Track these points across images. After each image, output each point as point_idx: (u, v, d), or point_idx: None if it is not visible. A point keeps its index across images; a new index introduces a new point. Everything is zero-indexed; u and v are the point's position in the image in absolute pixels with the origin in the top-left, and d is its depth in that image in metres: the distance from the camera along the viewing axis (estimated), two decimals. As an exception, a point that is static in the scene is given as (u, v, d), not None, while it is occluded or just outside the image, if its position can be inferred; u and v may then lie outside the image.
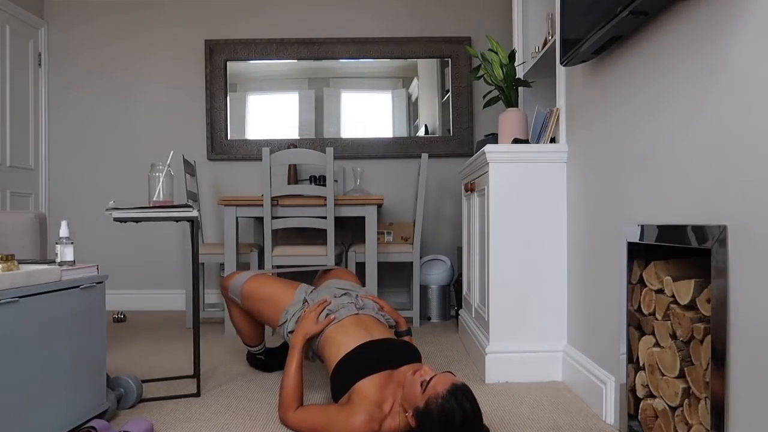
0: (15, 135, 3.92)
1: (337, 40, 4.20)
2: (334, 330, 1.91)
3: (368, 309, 2.04)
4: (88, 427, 1.68)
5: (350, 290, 2.15)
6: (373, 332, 1.89)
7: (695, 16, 1.38)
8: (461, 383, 1.53)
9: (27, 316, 1.50)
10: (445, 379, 1.53)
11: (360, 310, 2.01)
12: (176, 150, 3.69)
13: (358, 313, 1.99)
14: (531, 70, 2.88)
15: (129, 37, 4.26)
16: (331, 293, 2.10)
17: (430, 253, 4.11)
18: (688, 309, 1.38)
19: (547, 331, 2.35)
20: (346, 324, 1.92)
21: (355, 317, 1.96)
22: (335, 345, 1.85)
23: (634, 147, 1.73)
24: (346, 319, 1.94)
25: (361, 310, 2.01)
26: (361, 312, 2.00)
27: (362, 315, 1.99)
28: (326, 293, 2.12)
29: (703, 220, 1.34)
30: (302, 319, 1.99)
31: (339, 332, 1.89)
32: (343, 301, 2.03)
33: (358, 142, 4.19)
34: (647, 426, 1.59)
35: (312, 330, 1.94)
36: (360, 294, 2.13)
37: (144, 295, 4.23)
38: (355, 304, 2.03)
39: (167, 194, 2.11)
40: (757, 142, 1.15)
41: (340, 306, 2.00)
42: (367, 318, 1.98)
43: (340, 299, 2.05)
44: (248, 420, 1.91)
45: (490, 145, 2.37)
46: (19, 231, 2.49)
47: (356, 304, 2.03)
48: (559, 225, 2.36)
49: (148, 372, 2.47)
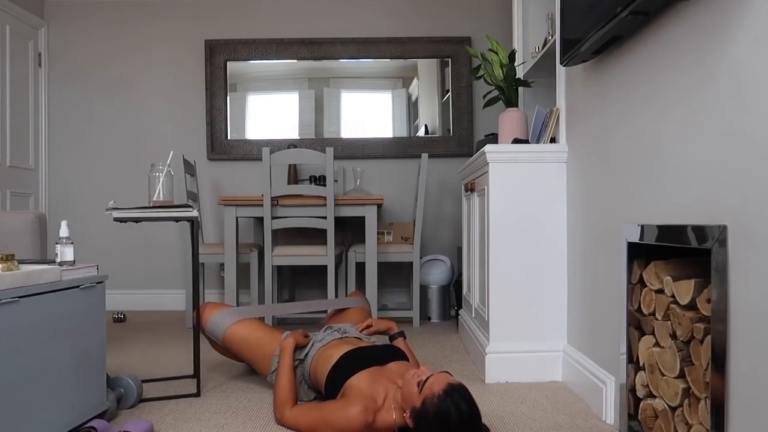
0: (15, 135, 3.92)
1: (337, 40, 4.20)
2: (322, 350, 2.01)
3: (351, 334, 2.15)
4: (88, 427, 1.68)
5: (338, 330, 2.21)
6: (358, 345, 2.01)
7: (695, 16, 1.38)
8: (458, 383, 1.54)
9: (27, 316, 1.50)
10: (441, 378, 1.54)
11: (344, 335, 2.12)
12: (176, 150, 3.69)
13: (342, 337, 2.11)
14: (531, 70, 2.88)
15: (129, 37, 4.26)
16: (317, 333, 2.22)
17: (430, 253, 4.11)
18: (688, 309, 1.38)
19: (547, 331, 2.35)
20: (332, 344, 2.03)
21: (340, 339, 2.08)
22: (325, 359, 1.94)
23: (634, 147, 1.73)
24: (333, 341, 2.05)
25: (345, 335, 2.13)
26: (344, 336, 2.12)
27: (346, 337, 2.11)
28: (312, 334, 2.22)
29: (703, 220, 1.34)
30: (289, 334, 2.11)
31: (327, 349, 1.99)
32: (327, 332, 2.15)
33: (358, 142, 4.19)
34: (647, 426, 1.59)
35: (299, 337, 2.07)
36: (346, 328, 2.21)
37: (144, 295, 4.23)
38: (338, 331, 2.15)
39: (167, 194, 2.11)
40: (757, 142, 1.15)
41: (326, 335, 2.12)
42: (351, 338, 2.11)
43: (324, 332, 2.16)
44: (248, 420, 1.91)
45: (490, 145, 2.37)
46: (19, 231, 2.49)
47: (339, 331, 2.15)
48: (559, 225, 2.36)
49: (148, 372, 2.47)
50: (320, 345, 2.04)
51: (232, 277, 3.31)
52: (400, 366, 1.85)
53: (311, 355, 2.03)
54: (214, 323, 2.22)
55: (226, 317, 2.23)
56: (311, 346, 2.07)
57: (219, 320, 2.22)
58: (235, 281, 3.32)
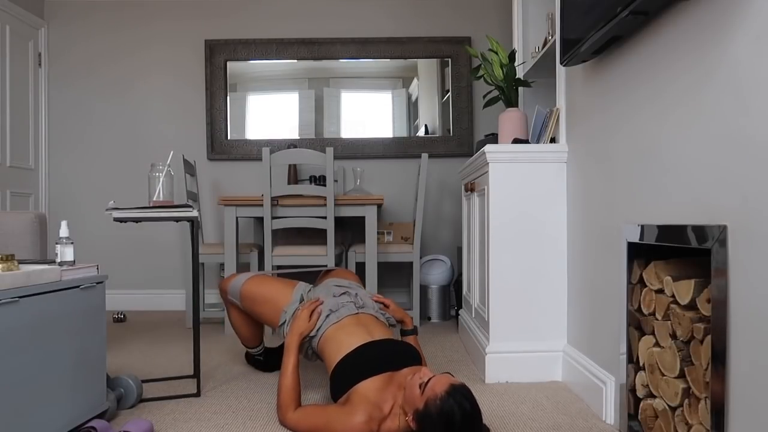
0: (15, 135, 3.92)
1: (337, 40, 4.20)
2: (333, 329, 1.91)
3: (368, 308, 2.03)
4: (88, 427, 1.68)
5: (349, 289, 2.13)
6: (373, 332, 1.89)
7: (695, 16, 1.38)
8: (459, 383, 1.53)
9: (27, 316, 1.50)
10: (443, 379, 1.53)
11: (360, 309, 2.00)
12: (176, 150, 3.69)
13: (357, 312, 1.98)
14: (531, 70, 2.88)
15: (129, 37, 4.26)
16: (330, 292, 2.09)
17: (430, 253, 4.11)
18: (688, 309, 1.38)
19: (547, 331, 2.35)
20: (345, 324, 1.92)
21: (354, 317, 1.96)
22: (335, 344, 1.86)
23: (634, 147, 1.73)
24: (345, 319, 1.94)
25: (361, 309, 2.01)
26: (360, 311, 1.99)
27: (362, 314, 1.98)
28: (324, 292, 2.11)
29: (703, 220, 1.34)
30: (295, 318, 2.00)
31: (339, 331, 1.90)
32: (342, 300, 2.03)
33: (358, 142, 4.19)
34: (647, 426, 1.59)
35: (305, 328, 1.95)
36: (359, 293, 2.12)
37: (144, 295, 4.23)
38: (354, 303, 2.02)
39: (167, 194, 2.11)
40: (757, 142, 1.15)
41: (340, 305, 2.00)
42: (366, 317, 1.98)
43: (339, 298, 2.04)
44: (248, 420, 1.91)
45: (490, 145, 2.37)
46: (19, 231, 2.49)
47: (356, 303, 2.03)
48: (559, 225, 2.36)
49: (148, 372, 2.47)
50: (334, 321, 1.93)
51: (232, 277, 3.31)
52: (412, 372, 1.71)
53: (322, 330, 1.94)
54: (233, 285, 2.31)
55: (241, 276, 2.33)
56: (325, 320, 1.95)
57: (236, 281, 2.31)
58: (235, 281, 3.32)
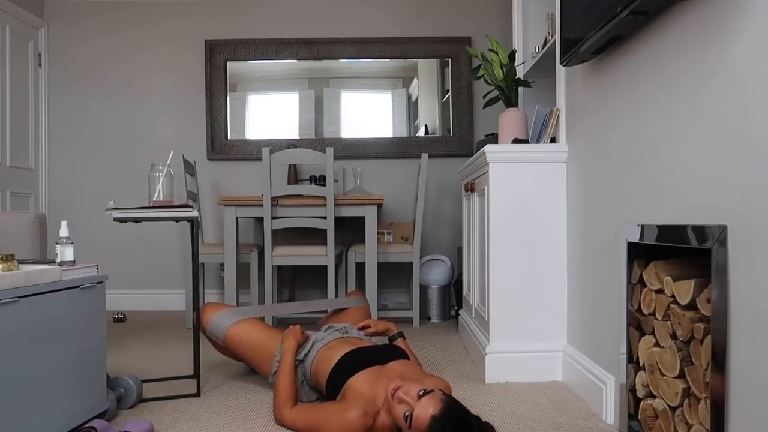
0: (15, 135, 3.92)
1: (337, 40, 4.20)
2: (323, 350, 2.02)
3: (352, 333, 2.17)
4: (88, 427, 1.68)
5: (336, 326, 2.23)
6: (359, 345, 2.01)
7: (695, 16, 1.38)
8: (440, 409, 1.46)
9: (27, 316, 1.50)
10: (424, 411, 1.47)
11: (344, 334, 2.13)
12: (176, 150, 3.68)
13: (342, 336, 2.11)
14: (531, 70, 2.88)
15: (129, 37, 4.26)
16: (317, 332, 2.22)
17: (430, 253, 4.11)
18: (688, 309, 1.38)
19: (547, 331, 2.35)
20: (333, 344, 2.03)
21: (340, 339, 2.09)
22: (327, 360, 1.94)
23: (634, 147, 1.73)
24: (333, 341, 2.05)
25: (345, 334, 2.14)
26: (345, 336, 2.13)
27: (347, 337, 2.12)
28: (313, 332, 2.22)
29: (703, 220, 1.34)
30: (288, 332, 2.09)
31: (329, 351, 1.99)
32: (328, 332, 2.16)
33: (358, 142, 4.19)
34: (647, 426, 1.59)
35: (300, 337, 2.07)
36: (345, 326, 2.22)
37: (144, 295, 4.23)
38: (339, 331, 2.16)
39: (167, 194, 2.11)
40: (756, 142, 1.15)
41: (327, 335, 2.12)
42: (352, 338, 2.11)
43: (325, 333, 2.17)
44: (248, 420, 1.91)
45: (490, 145, 2.37)
46: (19, 231, 2.49)
47: (340, 331, 2.16)
48: (559, 225, 2.36)
49: (148, 372, 2.47)
50: (321, 345, 2.04)
51: (232, 277, 3.32)
52: (401, 365, 1.86)
53: (311, 355, 2.03)
54: (214, 324, 2.23)
55: (226, 318, 2.23)
56: (311, 346, 2.06)
57: (220, 321, 2.22)
58: (235, 281, 3.32)
